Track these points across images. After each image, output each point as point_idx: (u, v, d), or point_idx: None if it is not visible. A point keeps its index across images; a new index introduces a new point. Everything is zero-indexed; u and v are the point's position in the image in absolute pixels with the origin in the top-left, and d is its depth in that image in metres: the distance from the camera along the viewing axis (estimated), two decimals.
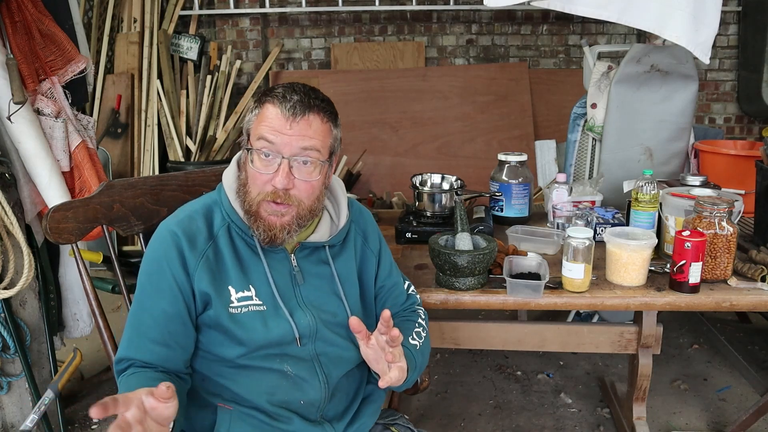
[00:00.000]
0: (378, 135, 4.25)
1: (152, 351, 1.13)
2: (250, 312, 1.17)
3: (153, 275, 1.16)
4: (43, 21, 1.99)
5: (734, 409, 2.35)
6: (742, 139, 4.33)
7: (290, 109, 1.14)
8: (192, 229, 1.17)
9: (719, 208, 1.60)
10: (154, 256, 1.17)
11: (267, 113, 1.15)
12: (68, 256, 2.24)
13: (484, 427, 2.28)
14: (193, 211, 1.21)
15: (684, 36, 1.86)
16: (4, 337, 1.97)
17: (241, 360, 1.17)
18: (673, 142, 2.45)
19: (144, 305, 1.15)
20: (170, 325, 1.14)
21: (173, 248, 1.15)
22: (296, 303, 1.21)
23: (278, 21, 4.39)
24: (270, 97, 1.16)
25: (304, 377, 1.21)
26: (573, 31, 4.36)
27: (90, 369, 2.62)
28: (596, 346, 2.01)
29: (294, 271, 1.23)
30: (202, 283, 1.15)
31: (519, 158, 2.16)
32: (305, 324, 1.20)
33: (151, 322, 1.14)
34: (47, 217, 1.27)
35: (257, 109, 1.18)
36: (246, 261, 1.20)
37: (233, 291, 1.17)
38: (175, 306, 1.14)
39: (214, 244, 1.18)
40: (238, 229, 1.20)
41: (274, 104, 1.15)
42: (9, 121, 1.88)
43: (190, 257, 1.15)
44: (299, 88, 1.17)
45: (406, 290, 1.44)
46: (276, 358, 1.19)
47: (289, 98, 1.14)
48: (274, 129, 1.14)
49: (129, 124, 3.90)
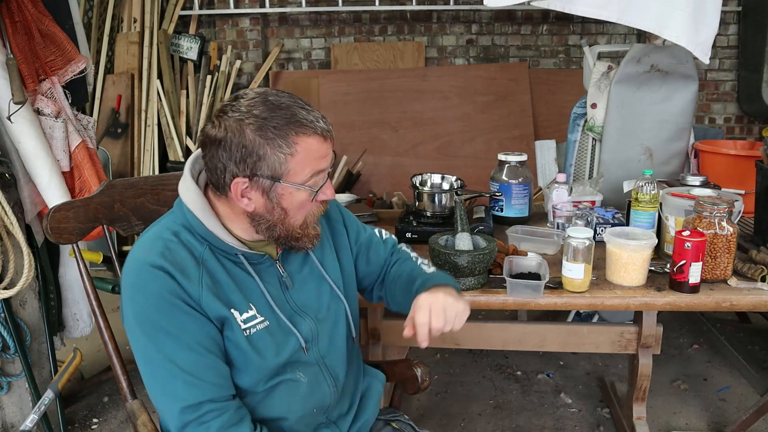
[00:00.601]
0: (378, 135, 4.25)
1: (215, 380, 1.07)
2: (259, 331, 1.13)
3: (165, 312, 1.05)
4: (43, 21, 1.99)
5: (734, 409, 2.35)
6: (742, 139, 4.33)
7: (324, 132, 1.08)
8: (177, 260, 1.07)
9: (719, 208, 1.60)
10: (152, 294, 1.05)
11: (309, 146, 1.07)
12: (68, 256, 2.24)
13: (484, 427, 2.28)
14: (167, 241, 1.09)
15: (684, 36, 1.86)
16: (4, 337, 1.97)
17: (259, 387, 1.14)
18: (673, 142, 2.45)
19: (173, 346, 1.05)
20: (212, 347, 1.08)
21: (169, 280, 1.05)
22: (291, 309, 1.19)
23: (278, 21, 4.39)
24: (299, 127, 1.05)
25: (315, 382, 1.20)
26: (573, 31, 4.36)
27: (90, 369, 2.62)
28: (596, 346, 2.01)
29: (283, 277, 1.19)
30: (212, 309, 1.08)
31: (519, 158, 2.16)
32: (306, 329, 1.19)
33: (195, 356, 1.06)
34: (48, 217, 1.27)
35: (287, 147, 1.05)
36: (239, 280, 1.14)
37: (237, 314, 1.11)
38: (206, 328, 1.08)
39: (204, 268, 1.10)
40: (220, 250, 1.13)
41: (308, 134, 1.06)
42: (9, 121, 1.88)
43: (191, 287, 1.07)
44: (303, 103, 1.09)
45: (381, 237, 1.40)
46: (288, 368, 1.17)
47: (315, 119, 1.07)
48: (323, 156, 1.10)
49: (129, 124, 3.90)
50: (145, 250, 1.09)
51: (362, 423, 1.31)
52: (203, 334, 1.07)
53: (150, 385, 1.08)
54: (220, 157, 1.06)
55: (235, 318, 1.10)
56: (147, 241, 1.11)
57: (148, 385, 1.08)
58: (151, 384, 1.08)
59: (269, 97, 1.07)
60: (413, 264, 1.35)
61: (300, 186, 1.09)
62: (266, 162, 1.05)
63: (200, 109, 4.00)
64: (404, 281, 1.31)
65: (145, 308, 1.06)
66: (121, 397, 1.36)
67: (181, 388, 1.05)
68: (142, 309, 1.06)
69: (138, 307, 1.06)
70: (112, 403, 2.45)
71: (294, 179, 1.08)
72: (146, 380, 1.08)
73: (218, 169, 1.07)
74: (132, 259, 1.09)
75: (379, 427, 1.37)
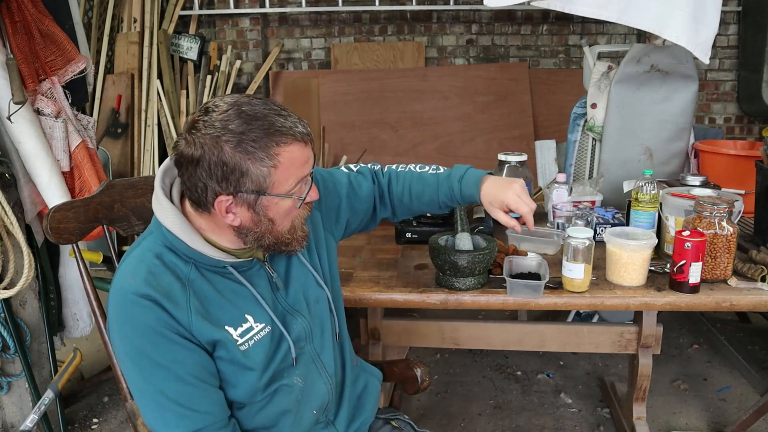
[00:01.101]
0: (378, 135, 4.25)
1: (210, 410, 1.07)
2: (258, 342, 1.11)
3: (157, 345, 1.02)
4: (43, 21, 1.99)
5: (734, 409, 2.35)
6: (742, 139, 4.33)
7: (304, 137, 1.05)
8: (163, 286, 1.03)
9: (719, 208, 1.60)
10: (141, 326, 1.02)
11: (291, 154, 1.03)
12: (68, 256, 2.24)
13: (484, 427, 2.28)
14: (151, 265, 1.05)
15: (684, 36, 1.86)
16: (4, 337, 1.97)
17: (255, 397, 1.13)
18: (673, 142, 2.45)
19: (165, 377, 1.03)
20: (205, 375, 1.07)
21: (159, 310, 1.02)
22: (283, 310, 1.17)
23: (278, 21, 4.39)
24: (279, 137, 1.02)
25: (310, 381, 1.19)
26: (573, 31, 4.36)
27: (90, 369, 2.62)
28: (596, 346, 2.01)
29: (273, 278, 1.17)
30: (203, 333, 1.05)
31: (519, 158, 2.16)
32: (300, 328, 1.17)
33: (189, 388, 1.04)
34: (48, 216, 1.27)
35: (269, 159, 1.01)
36: (229, 293, 1.10)
37: (232, 330, 1.08)
38: (199, 356, 1.06)
39: (192, 291, 1.06)
40: (207, 266, 1.09)
41: (289, 142, 1.03)
42: (9, 121, 1.88)
43: (180, 314, 1.03)
44: (279, 109, 1.04)
45: (354, 175, 1.38)
46: (284, 373, 1.16)
47: (293, 125, 1.03)
48: (305, 161, 1.06)
49: (129, 124, 3.90)
50: (128, 277, 1.04)
51: (361, 422, 1.31)
52: (195, 363, 1.05)
53: (143, 413, 1.08)
54: (199, 177, 1.01)
55: (230, 335, 1.08)
56: (129, 266, 1.07)
57: (141, 411, 1.08)
58: (144, 412, 1.07)
59: (243, 108, 1.01)
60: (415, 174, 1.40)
61: (285, 196, 1.06)
62: (249, 177, 1.01)
63: None
64: (421, 190, 1.37)
65: (134, 340, 1.03)
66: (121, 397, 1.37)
67: (173, 419, 1.04)
68: (131, 341, 1.03)
69: (127, 339, 1.03)
70: (112, 403, 2.45)
71: (279, 190, 1.04)
72: (139, 406, 1.08)
73: (198, 188, 1.03)
74: (116, 288, 1.05)
75: (379, 426, 1.37)
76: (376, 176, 1.41)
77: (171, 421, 1.05)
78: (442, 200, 1.38)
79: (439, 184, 1.38)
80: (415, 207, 1.41)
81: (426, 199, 1.38)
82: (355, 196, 1.35)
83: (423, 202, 1.39)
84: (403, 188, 1.39)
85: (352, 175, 1.38)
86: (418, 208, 1.42)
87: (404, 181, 1.40)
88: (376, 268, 1.79)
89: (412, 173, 1.41)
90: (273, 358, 1.13)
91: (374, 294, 1.62)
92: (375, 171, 1.42)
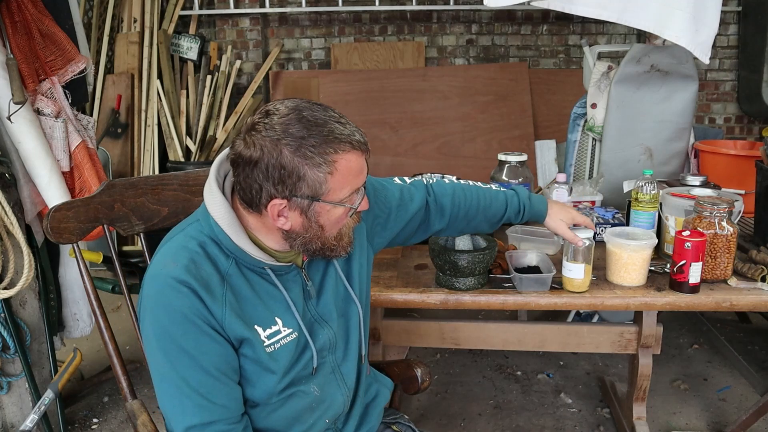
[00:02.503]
0: (378, 135, 4.25)
1: (226, 403, 1.08)
2: (283, 346, 1.12)
3: (188, 332, 1.03)
4: (43, 21, 1.99)
5: (734, 409, 2.35)
6: (742, 139, 4.33)
7: (361, 146, 1.05)
8: (203, 276, 1.05)
9: (719, 208, 1.60)
10: (175, 312, 1.03)
11: (348, 163, 1.04)
12: (68, 256, 2.24)
13: (484, 427, 2.28)
14: (194, 254, 1.07)
15: (684, 36, 1.86)
16: (4, 337, 1.97)
17: (272, 399, 1.14)
18: (673, 142, 2.45)
19: (189, 366, 1.04)
20: (227, 370, 1.08)
21: (194, 298, 1.03)
22: (312, 319, 1.17)
23: (278, 21, 4.39)
24: (338, 144, 1.02)
25: (328, 392, 1.20)
26: (573, 31, 4.36)
27: (90, 369, 2.62)
28: (596, 346, 2.01)
29: (307, 286, 1.17)
30: (234, 330, 1.06)
31: (519, 158, 2.16)
32: (325, 338, 1.18)
33: (211, 380, 1.05)
34: (48, 216, 1.27)
35: (326, 166, 1.02)
36: (264, 294, 1.12)
37: (260, 330, 1.10)
38: (224, 349, 1.07)
39: (228, 285, 1.07)
40: (248, 264, 1.10)
41: (347, 150, 1.03)
42: (9, 121, 1.88)
43: (214, 306, 1.05)
44: (338, 116, 1.05)
45: (411, 184, 1.40)
46: (302, 380, 1.17)
47: (351, 133, 1.04)
48: (361, 170, 1.07)
49: (129, 124, 3.90)
50: (169, 261, 1.06)
51: (368, 429, 1.31)
52: (221, 357, 1.06)
53: (160, 397, 1.08)
54: (255, 178, 1.02)
55: (259, 335, 1.09)
56: (171, 250, 1.08)
57: (158, 395, 1.08)
58: (162, 396, 1.07)
59: (303, 113, 1.02)
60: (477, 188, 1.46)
61: (339, 204, 1.06)
62: (306, 182, 1.02)
63: (200, 109, 3.99)
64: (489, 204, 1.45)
65: (165, 324, 1.03)
66: (121, 397, 1.37)
67: (190, 408, 1.05)
68: (163, 325, 1.04)
69: (159, 322, 1.04)
70: (112, 403, 2.45)
71: (333, 198, 1.05)
72: (157, 391, 1.08)
73: (253, 189, 1.03)
74: (156, 270, 1.06)
75: (380, 430, 1.37)
76: (431, 189, 1.42)
77: (188, 410, 1.05)
78: (508, 215, 1.47)
79: (508, 200, 1.47)
80: (474, 221, 1.46)
81: (491, 212, 1.46)
82: (404, 209, 1.36)
83: (487, 216, 1.46)
84: (467, 201, 1.43)
85: (405, 187, 1.39)
86: (475, 223, 1.47)
87: (469, 194, 1.44)
88: (376, 268, 1.78)
89: (473, 187, 1.47)
90: (295, 364, 1.14)
91: (374, 294, 1.62)
92: (429, 184, 1.43)
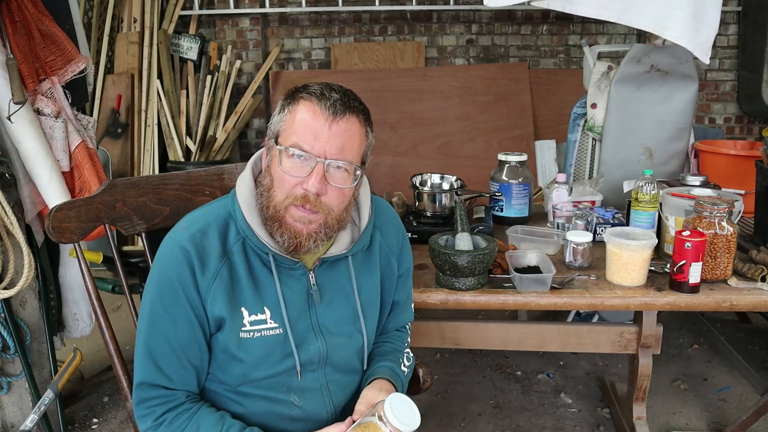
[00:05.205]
0: (378, 135, 4.19)
1: (171, 375, 1.09)
2: (263, 337, 1.11)
3: (166, 297, 1.08)
4: (43, 21, 1.99)
5: (734, 409, 2.35)
6: (742, 139, 4.33)
7: (330, 108, 1.04)
8: (204, 247, 1.09)
9: (719, 208, 1.60)
10: (166, 275, 1.08)
11: (303, 111, 1.05)
12: (68, 256, 2.24)
13: (484, 427, 2.28)
14: (207, 225, 1.11)
15: (684, 36, 1.86)
16: (4, 337, 1.97)
17: (243, 388, 1.13)
18: (673, 142, 2.45)
19: (158, 329, 1.09)
20: (187, 350, 1.10)
21: (185, 267, 1.07)
22: (309, 326, 1.14)
23: (278, 21, 4.39)
24: (306, 93, 1.06)
25: (312, 408, 1.16)
26: (573, 31, 4.36)
27: (90, 369, 2.62)
28: (596, 346, 2.01)
29: (312, 290, 1.15)
30: (216, 306, 1.08)
31: (519, 158, 2.16)
32: (314, 350, 1.14)
33: (167, 348, 1.09)
34: (50, 216, 1.27)
35: (290, 107, 1.07)
36: (261, 280, 1.12)
37: (246, 313, 1.10)
38: (192, 332, 1.09)
39: (228, 261, 1.09)
40: (254, 245, 1.11)
41: (311, 101, 1.05)
42: (9, 121, 1.88)
43: (202, 280, 1.07)
44: (337, 87, 1.08)
45: (410, 306, 1.37)
46: (282, 387, 1.14)
47: (328, 96, 1.05)
48: (312, 129, 1.04)
49: (129, 124, 3.90)
50: (186, 228, 1.11)
51: None
52: (185, 336, 1.09)
53: (136, 345, 1.13)
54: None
55: (242, 317, 1.10)
56: (191, 216, 1.15)
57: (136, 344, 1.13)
58: (137, 345, 1.12)
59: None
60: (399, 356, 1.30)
61: (281, 147, 1.07)
62: (274, 121, 1.11)
63: (200, 109, 3.99)
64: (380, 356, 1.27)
65: (157, 281, 1.10)
66: (121, 397, 1.37)
67: (144, 365, 1.10)
68: (155, 278, 1.11)
69: (152, 277, 1.12)
70: (112, 403, 2.45)
71: (283, 142, 1.08)
72: (136, 339, 1.13)
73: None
74: (173, 230, 1.13)
75: None
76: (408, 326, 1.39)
77: (142, 366, 1.10)
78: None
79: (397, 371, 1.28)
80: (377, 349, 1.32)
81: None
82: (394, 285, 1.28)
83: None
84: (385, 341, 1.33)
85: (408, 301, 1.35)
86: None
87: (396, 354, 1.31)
88: None
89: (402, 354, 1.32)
90: (270, 360, 1.12)
91: None
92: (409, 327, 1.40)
